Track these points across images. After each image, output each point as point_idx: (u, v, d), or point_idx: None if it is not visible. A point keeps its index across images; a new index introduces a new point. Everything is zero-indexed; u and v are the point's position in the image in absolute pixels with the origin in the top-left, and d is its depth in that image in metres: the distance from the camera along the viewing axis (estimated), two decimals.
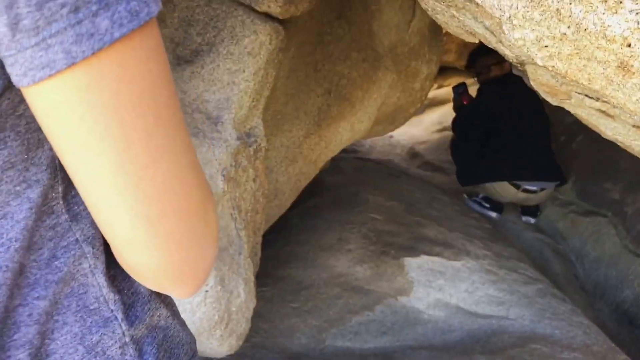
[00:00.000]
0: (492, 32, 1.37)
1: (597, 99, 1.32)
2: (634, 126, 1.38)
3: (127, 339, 0.51)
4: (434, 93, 8.13)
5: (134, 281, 0.54)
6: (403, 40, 2.94)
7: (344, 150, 5.05)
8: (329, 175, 4.07)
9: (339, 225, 3.27)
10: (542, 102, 4.17)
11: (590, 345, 2.62)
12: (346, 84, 2.71)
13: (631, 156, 3.49)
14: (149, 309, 0.55)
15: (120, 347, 0.51)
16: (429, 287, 2.92)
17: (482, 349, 2.51)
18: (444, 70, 7.91)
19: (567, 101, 1.49)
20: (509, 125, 3.99)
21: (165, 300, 0.58)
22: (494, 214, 4.15)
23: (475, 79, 4.51)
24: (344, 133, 2.85)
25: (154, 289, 0.50)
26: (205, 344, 1.77)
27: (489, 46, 1.59)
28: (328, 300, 2.77)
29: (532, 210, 4.18)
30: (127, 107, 0.39)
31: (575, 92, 1.37)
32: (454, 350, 2.54)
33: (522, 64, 1.49)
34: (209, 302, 1.63)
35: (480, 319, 2.80)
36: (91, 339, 0.49)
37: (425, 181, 4.68)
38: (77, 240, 0.49)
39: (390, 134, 7.11)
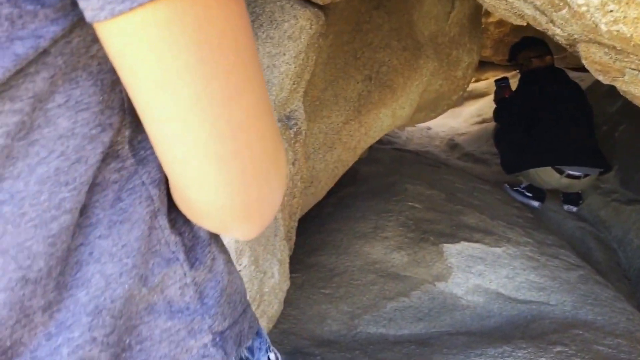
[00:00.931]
0: (543, 12, 1.37)
1: None
2: None
3: (188, 280, 0.52)
4: (472, 86, 8.06)
5: (194, 225, 0.55)
6: (443, 31, 2.95)
7: (380, 142, 5.05)
8: (365, 165, 4.08)
9: (374, 214, 3.28)
10: (584, 93, 4.14)
11: (633, 332, 2.59)
12: (387, 71, 2.73)
13: None
14: (209, 252, 0.56)
15: (180, 288, 0.52)
16: (468, 272, 2.92)
17: (522, 335, 2.50)
18: (481, 65, 7.87)
19: (620, 78, 1.49)
20: (552, 113, 3.97)
21: (223, 248, 0.61)
22: (536, 203, 4.11)
23: (518, 71, 4.52)
24: (385, 119, 2.86)
25: (215, 229, 0.51)
26: None
27: (538, 28, 1.59)
28: (361, 286, 2.78)
29: (574, 199, 4.13)
30: (208, 45, 0.39)
31: (629, 68, 1.37)
32: (493, 336, 2.53)
33: (573, 43, 1.49)
34: (243, 281, 1.67)
35: (520, 304, 2.79)
36: (153, 280, 0.50)
37: (466, 171, 4.66)
38: (143, 182, 0.50)
39: (428, 125, 7.08)
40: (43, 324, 0.44)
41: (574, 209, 4.13)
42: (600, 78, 1.50)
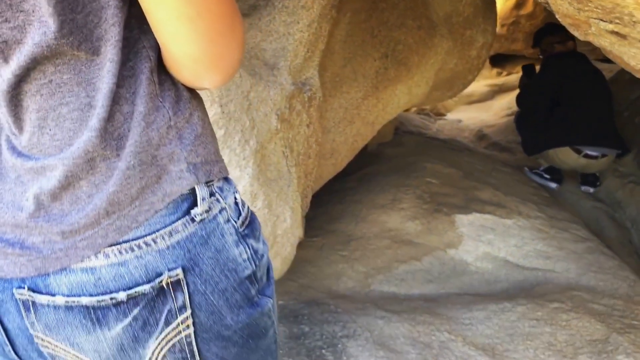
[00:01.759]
0: None
1: (611, 22, 1.50)
2: None
3: (172, 123, 0.72)
4: (503, 79, 8.20)
5: (179, 87, 0.75)
6: (457, 11, 3.13)
7: (409, 132, 5.24)
8: (390, 147, 4.29)
9: (394, 187, 3.49)
10: (604, 77, 4.26)
11: (632, 296, 2.73)
12: (402, 49, 2.93)
13: None
14: (188, 108, 0.75)
15: (167, 128, 0.72)
16: (478, 241, 3.10)
17: (524, 296, 2.67)
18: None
19: (590, 32, 1.67)
20: (572, 96, 4.12)
21: (201, 108, 0.81)
22: (553, 185, 4.26)
23: (540, 56, 4.66)
24: (402, 96, 3.06)
25: (192, 79, 0.72)
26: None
27: None
28: (377, 250, 2.99)
29: (591, 180, 4.26)
30: None
31: (593, 18, 1.55)
32: (497, 297, 2.70)
33: None
34: None
35: (527, 271, 2.95)
36: (149, 117, 0.70)
37: (488, 155, 4.82)
38: (144, 46, 0.70)
39: (459, 118, 7.24)
40: None
41: (591, 190, 4.25)
42: (576, 34, 1.68)
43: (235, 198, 0.82)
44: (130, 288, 0.70)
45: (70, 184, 0.69)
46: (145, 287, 0.71)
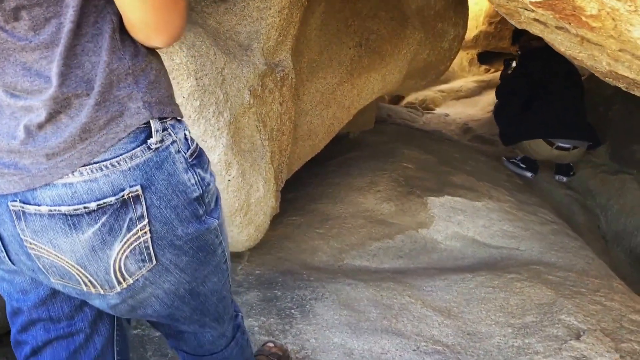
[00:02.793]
0: None
1: (532, 11, 1.69)
2: (576, 36, 1.74)
3: (130, 71, 0.92)
4: (491, 76, 8.40)
5: (137, 44, 0.94)
6: (429, 4, 3.33)
7: (396, 123, 5.44)
8: (371, 135, 4.48)
9: (371, 171, 3.68)
10: (578, 73, 4.47)
11: (587, 271, 2.91)
12: (376, 39, 3.12)
13: None
14: (145, 61, 0.95)
15: (125, 74, 0.92)
16: (448, 221, 3.29)
17: (486, 269, 2.86)
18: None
19: (522, 20, 1.86)
20: (545, 90, 4.33)
21: (158, 63, 1.01)
22: (529, 174, 4.46)
23: (518, 52, 4.88)
24: (376, 83, 3.25)
25: (145, 39, 0.92)
26: (227, 232, 2.21)
27: None
28: (352, 229, 3.17)
29: (565, 170, 4.47)
30: None
31: (520, 8, 1.74)
32: (462, 271, 2.89)
33: None
34: (231, 190, 2.07)
35: (493, 249, 3.14)
36: (112, 65, 0.90)
37: (468, 146, 5.02)
38: (108, 12, 0.90)
39: (447, 112, 7.44)
40: None
41: (565, 179, 4.46)
42: (513, 22, 1.87)
43: (185, 135, 1.02)
44: (99, 199, 0.90)
45: (52, 117, 0.89)
46: (111, 199, 0.91)
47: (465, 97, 8.12)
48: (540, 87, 4.37)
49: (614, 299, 2.53)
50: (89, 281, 0.97)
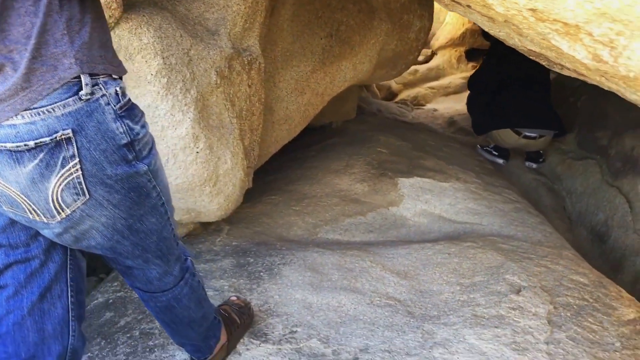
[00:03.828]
0: None
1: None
2: (505, 22, 1.96)
3: (65, 32, 1.09)
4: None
5: (73, 9, 1.12)
6: None
7: (385, 117, 5.69)
8: (353, 125, 4.72)
9: (348, 156, 3.92)
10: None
11: (543, 242, 3.13)
12: (345, 30, 3.36)
13: (618, 106, 3.99)
14: (80, 21, 1.11)
15: (61, 35, 1.09)
16: (417, 200, 3.51)
17: (447, 239, 3.08)
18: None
19: (447, 3, 2.10)
20: (513, 81, 4.58)
21: (95, 21, 1.17)
22: (500, 161, 4.70)
23: (490, 45, 5.15)
24: (347, 71, 3.49)
25: None
26: (199, 201, 2.41)
27: None
28: (326, 206, 3.40)
29: (534, 157, 4.70)
30: None
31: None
32: (425, 242, 3.11)
33: None
34: (200, 161, 2.28)
35: (457, 224, 3.36)
36: (48, 26, 1.06)
37: (446, 135, 5.25)
38: None
39: (435, 107, 7.69)
40: None
41: (534, 165, 4.69)
42: (458, 12, 2.10)
43: (117, 90, 1.21)
44: (37, 139, 1.10)
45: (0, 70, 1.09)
46: (47, 139, 1.11)
47: (454, 92, 8.37)
48: (508, 78, 4.63)
49: (559, 263, 2.75)
50: (33, 209, 1.18)
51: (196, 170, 2.27)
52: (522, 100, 4.48)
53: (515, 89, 4.54)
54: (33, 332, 1.37)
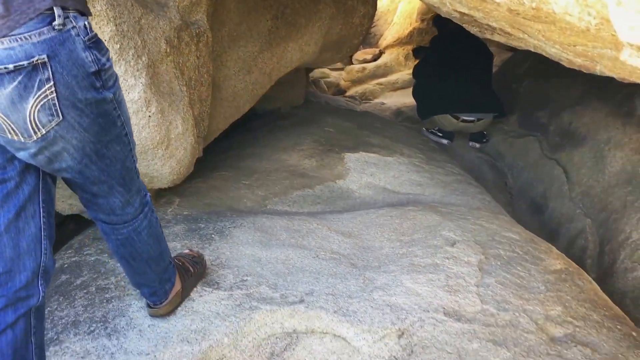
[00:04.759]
0: None
1: None
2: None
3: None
4: None
5: None
6: None
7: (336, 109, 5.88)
8: (301, 110, 4.89)
9: (296, 135, 4.08)
10: (488, 52, 4.99)
11: (480, 208, 3.34)
12: (290, 12, 3.52)
13: (558, 88, 4.27)
14: None
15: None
16: (362, 173, 3.69)
17: (390, 206, 3.26)
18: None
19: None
20: (453, 68, 4.85)
21: None
22: (445, 141, 4.94)
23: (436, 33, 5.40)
24: (294, 53, 3.65)
25: None
26: (152, 165, 2.51)
27: None
28: (276, 180, 3.54)
29: (477, 137, 4.96)
30: None
31: None
32: (371, 209, 3.28)
33: None
34: (152, 125, 2.39)
35: (401, 195, 3.54)
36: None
37: (393, 121, 5.47)
38: None
39: (383, 101, 7.92)
40: None
41: (477, 145, 4.95)
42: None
43: (85, 25, 1.35)
44: (15, 62, 1.23)
45: None
46: (24, 63, 1.23)
47: (401, 88, 8.62)
48: (449, 66, 4.90)
49: (493, 222, 2.95)
50: (12, 129, 1.30)
51: (149, 133, 2.38)
52: (461, 86, 4.76)
53: (455, 76, 4.81)
54: (9, 248, 1.48)
